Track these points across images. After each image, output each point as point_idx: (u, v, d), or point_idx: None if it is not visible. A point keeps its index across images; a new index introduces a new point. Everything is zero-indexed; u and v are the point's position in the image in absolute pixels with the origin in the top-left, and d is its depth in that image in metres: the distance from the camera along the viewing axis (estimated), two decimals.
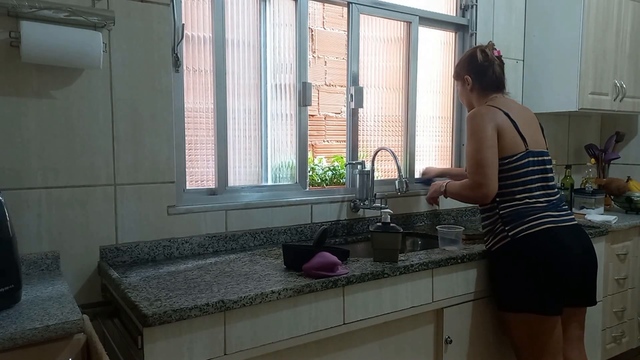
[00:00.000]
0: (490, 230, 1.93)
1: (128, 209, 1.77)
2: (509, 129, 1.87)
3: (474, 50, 2.07)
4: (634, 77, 3.04)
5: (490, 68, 2.01)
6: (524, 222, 1.82)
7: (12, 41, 1.53)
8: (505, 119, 1.88)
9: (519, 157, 1.86)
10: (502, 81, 2.05)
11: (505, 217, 1.86)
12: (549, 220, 1.83)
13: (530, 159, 1.88)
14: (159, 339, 1.28)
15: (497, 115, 1.88)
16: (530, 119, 1.98)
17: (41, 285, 1.47)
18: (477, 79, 2.03)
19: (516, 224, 1.83)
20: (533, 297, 1.80)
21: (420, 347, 1.84)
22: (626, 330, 2.82)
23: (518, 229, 1.82)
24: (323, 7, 2.51)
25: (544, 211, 1.84)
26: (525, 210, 1.84)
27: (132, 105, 1.76)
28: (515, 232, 1.83)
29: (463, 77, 2.07)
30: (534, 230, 1.81)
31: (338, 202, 2.29)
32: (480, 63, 2.02)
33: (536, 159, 1.90)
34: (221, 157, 2.03)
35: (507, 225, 1.85)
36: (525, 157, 1.87)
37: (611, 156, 3.23)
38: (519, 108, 1.98)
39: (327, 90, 2.59)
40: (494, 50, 2.06)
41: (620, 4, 2.89)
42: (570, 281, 1.82)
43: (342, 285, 1.57)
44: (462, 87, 2.10)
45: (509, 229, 1.84)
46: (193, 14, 1.95)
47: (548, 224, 1.82)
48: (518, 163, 1.86)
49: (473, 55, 2.05)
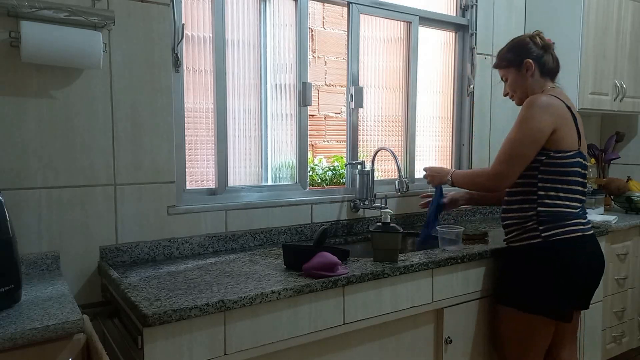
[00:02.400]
0: (518, 224, 1.85)
1: (128, 209, 1.77)
2: (570, 123, 1.77)
3: (523, 37, 1.94)
4: (634, 77, 3.05)
5: (550, 53, 1.90)
6: (559, 226, 1.77)
7: (12, 41, 1.53)
8: (567, 112, 1.78)
9: (572, 155, 1.77)
10: (559, 69, 1.93)
11: (543, 216, 1.79)
12: (580, 229, 1.79)
13: (579, 159, 1.80)
14: (159, 339, 1.28)
15: (559, 108, 1.77)
16: (581, 118, 1.88)
17: (41, 285, 1.47)
18: (538, 63, 1.88)
19: (551, 225, 1.77)
20: (549, 301, 1.77)
21: (420, 347, 1.84)
22: (626, 330, 2.82)
23: (552, 232, 1.77)
24: (323, 7, 2.50)
25: (577, 217, 1.80)
26: (563, 213, 1.78)
27: (132, 105, 1.76)
28: (549, 235, 1.77)
29: (521, 63, 1.89)
30: (567, 237, 1.76)
31: (338, 202, 2.29)
32: (541, 47, 1.89)
33: (583, 161, 1.82)
34: (221, 157, 2.03)
35: (542, 225, 1.79)
36: (576, 157, 1.79)
37: (611, 156, 3.23)
38: (573, 104, 1.88)
39: (327, 90, 2.59)
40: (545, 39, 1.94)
41: (620, 4, 2.89)
42: (583, 289, 1.81)
43: (342, 285, 1.57)
44: (516, 75, 1.91)
45: (542, 229, 1.78)
46: (193, 14, 1.95)
47: (579, 232, 1.78)
48: (569, 161, 1.77)
49: (529, 41, 1.91)
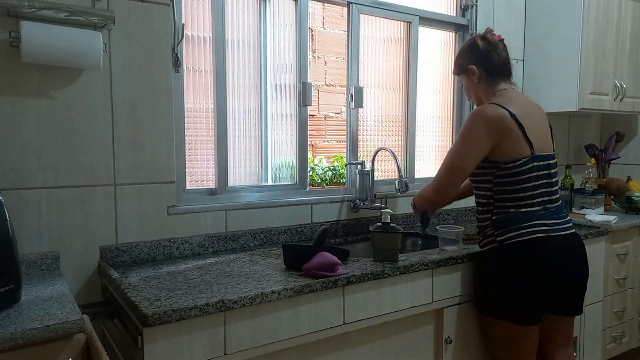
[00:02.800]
0: (481, 230, 1.87)
1: (128, 209, 1.77)
2: (513, 134, 1.73)
3: (472, 39, 1.92)
4: (634, 77, 3.04)
5: (495, 52, 1.86)
6: (512, 229, 1.75)
7: (12, 41, 1.53)
8: (510, 122, 1.73)
9: (524, 162, 1.75)
10: (509, 66, 1.90)
11: (497, 221, 1.78)
12: (540, 230, 1.74)
13: (535, 164, 1.77)
14: (159, 339, 1.28)
15: (501, 122, 1.73)
16: (539, 119, 1.85)
17: (41, 285, 1.47)
18: (483, 66, 1.87)
19: (505, 230, 1.76)
20: (511, 306, 1.76)
21: (420, 347, 1.84)
22: (626, 330, 2.81)
23: (506, 235, 1.75)
24: (323, 7, 2.50)
25: (538, 219, 1.75)
26: (517, 216, 1.75)
27: (132, 105, 1.76)
28: (503, 239, 1.76)
29: (467, 68, 1.90)
30: (522, 239, 1.73)
31: (338, 202, 2.29)
32: (484, 49, 1.87)
33: (542, 163, 1.79)
34: (221, 157, 2.03)
35: (496, 230, 1.78)
36: (530, 162, 1.75)
37: (611, 156, 3.23)
38: (529, 106, 1.84)
39: (327, 90, 2.59)
40: (494, 35, 1.91)
41: (620, 4, 2.89)
42: (552, 292, 1.77)
43: (342, 285, 1.57)
44: (467, 80, 1.93)
45: (497, 234, 1.78)
46: (193, 14, 1.95)
47: (538, 233, 1.73)
48: (522, 168, 1.75)
49: (474, 44, 1.90)
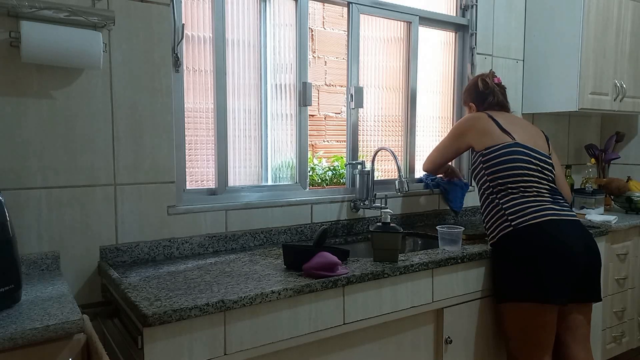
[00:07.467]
0: (492, 222, 1.98)
1: (128, 209, 1.77)
2: (491, 127, 2.06)
3: (475, 79, 2.28)
4: (634, 77, 3.04)
5: (491, 95, 2.21)
6: (527, 213, 1.89)
7: (12, 41, 1.53)
8: (488, 120, 2.08)
9: (504, 146, 1.99)
10: (506, 103, 2.24)
11: (508, 208, 1.93)
12: (551, 213, 1.89)
13: (518, 148, 1.98)
14: (159, 339, 1.28)
15: (480, 121, 2.10)
16: (527, 126, 2.13)
17: (41, 285, 1.47)
18: (479, 105, 2.24)
19: (520, 214, 1.90)
20: (535, 285, 1.82)
21: (420, 347, 1.84)
22: (626, 330, 2.82)
23: (522, 219, 1.88)
24: (323, 7, 2.50)
25: (546, 203, 1.92)
26: (526, 202, 1.92)
27: (132, 105, 1.76)
28: (519, 222, 1.88)
29: (468, 104, 2.31)
30: (538, 221, 1.87)
31: (338, 202, 2.29)
32: (482, 91, 2.22)
33: (528, 152, 1.99)
34: (221, 157, 2.03)
35: (510, 215, 1.92)
36: (512, 147, 1.99)
37: (611, 156, 3.23)
38: (515, 119, 2.15)
39: (327, 90, 2.59)
40: (494, 78, 2.25)
41: (620, 4, 2.89)
42: (571, 272, 1.84)
43: (342, 285, 1.57)
44: (469, 111, 2.33)
45: (512, 219, 1.90)
46: (193, 14, 1.95)
47: (550, 216, 1.88)
48: (502, 151, 1.98)
49: (475, 85, 2.26)
